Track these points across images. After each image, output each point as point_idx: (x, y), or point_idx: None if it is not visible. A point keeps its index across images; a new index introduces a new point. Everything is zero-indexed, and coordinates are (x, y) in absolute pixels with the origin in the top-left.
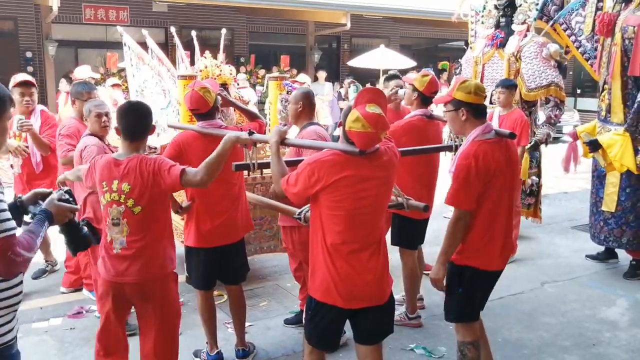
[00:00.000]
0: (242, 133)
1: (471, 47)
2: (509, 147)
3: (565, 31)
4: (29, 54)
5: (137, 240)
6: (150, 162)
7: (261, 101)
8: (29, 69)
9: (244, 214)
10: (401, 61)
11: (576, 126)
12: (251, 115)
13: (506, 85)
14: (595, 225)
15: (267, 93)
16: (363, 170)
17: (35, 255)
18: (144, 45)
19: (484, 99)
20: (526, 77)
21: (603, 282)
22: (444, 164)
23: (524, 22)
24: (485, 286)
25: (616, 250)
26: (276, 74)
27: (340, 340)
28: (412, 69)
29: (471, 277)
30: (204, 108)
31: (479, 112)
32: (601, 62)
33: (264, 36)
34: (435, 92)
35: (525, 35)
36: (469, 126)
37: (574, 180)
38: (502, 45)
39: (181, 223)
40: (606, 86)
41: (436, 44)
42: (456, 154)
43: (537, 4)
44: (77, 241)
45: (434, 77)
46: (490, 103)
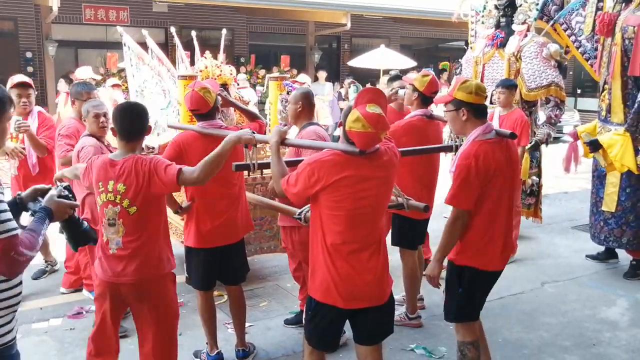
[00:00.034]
0: (243, 132)
1: (471, 47)
2: (510, 147)
3: (565, 31)
4: (29, 54)
5: (132, 241)
6: (145, 162)
7: (261, 101)
8: (29, 69)
9: (244, 214)
10: (401, 61)
11: (576, 126)
12: (251, 116)
13: (506, 85)
14: (595, 225)
15: (268, 93)
16: (363, 170)
17: (37, 253)
18: (144, 45)
19: (485, 99)
20: (526, 77)
21: (603, 282)
22: (444, 164)
23: (524, 22)
24: (485, 286)
25: (616, 250)
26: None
27: (340, 340)
28: (412, 69)
29: (471, 277)
30: (204, 108)
31: (480, 112)
32: (601, 62)
33: (264, 36)
34: (436, 92)
35: (526, 35)
36: (470, 126)
37: (574, 180)
38: (503, 45)
39: (181, 223)
40: (606, 86)
41: (436, 44)
42: (457, 154)
43: (538, 4)
44: (78, 236)
45: (434, 77)
46: (491, 103)
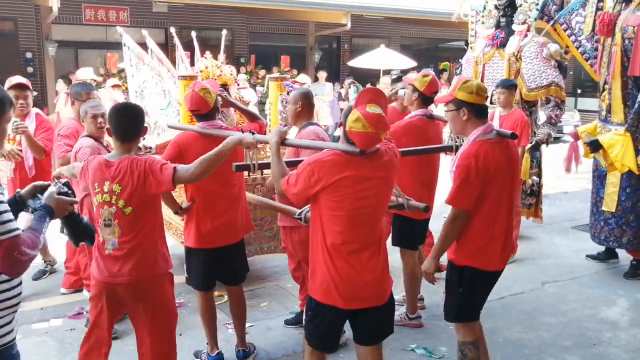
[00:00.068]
0: (245, 135)
1: (471, 47)
2: (510, 148)
3: (565, 31)
4: (29, 55)
5: (128, 241)
6: (141, 162)
7: (261, 102)
8: (29, 69)
9: (244, 215)
10: (401, 61)
11: (577, 126)
12: (251, 116)
13: (506, 86)
14: (595, 225)
15: (268, 93)
16: (363, 170)
17: (39, 252)
18: (144, 45)
19: (486, 100)
20: (526, 77)
21: (603, 282)
22: (445, 164)
23: (524, 22)
24: (485, 286)
25: (616, 250)
26: (276, 75)
27: (340, 340)
28: (412, 69)
29: (471, 277)
30: (204, 109)
31: (481, 112)
32: (601, 62)
33: (264, 36)
34: (436, 92)
35: (526, 35)
36: (470, 126)
37: (574, 180)
38: (503, 45)
39: (181, 224)
40: (606, 86)
41: (436, 44)
42: (457, 154)
43: (538, 4)
44: (78, 232)
45: (434, 77)
46: (491, 103)
